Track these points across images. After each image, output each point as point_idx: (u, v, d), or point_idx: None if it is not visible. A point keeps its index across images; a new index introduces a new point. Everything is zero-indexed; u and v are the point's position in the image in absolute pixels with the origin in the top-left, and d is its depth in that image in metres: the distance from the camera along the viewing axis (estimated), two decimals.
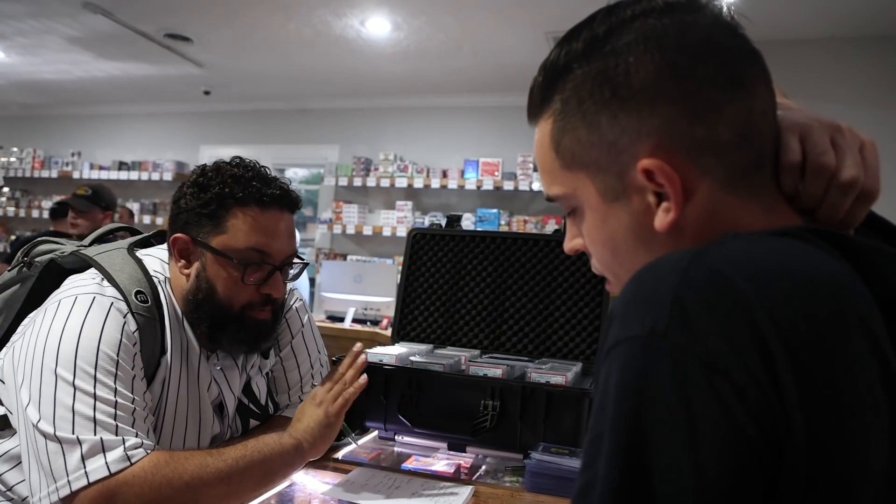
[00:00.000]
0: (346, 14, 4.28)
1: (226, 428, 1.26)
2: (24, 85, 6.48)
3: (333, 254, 6.02)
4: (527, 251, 1.78)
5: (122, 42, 5.00)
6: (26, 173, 7.10)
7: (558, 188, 0.63)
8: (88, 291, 1.08)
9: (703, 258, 0.47)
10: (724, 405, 0.42)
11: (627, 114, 0.56)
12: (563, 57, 0.60)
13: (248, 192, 1.13)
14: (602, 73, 0.57)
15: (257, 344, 1.22)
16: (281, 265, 1.18)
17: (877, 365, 0.46)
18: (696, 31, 0.56)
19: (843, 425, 0.44)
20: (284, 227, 1.18)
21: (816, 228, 0.54)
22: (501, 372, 1.47)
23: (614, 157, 0.57)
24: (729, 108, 0.55)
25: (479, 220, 5.42)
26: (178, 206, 1.17)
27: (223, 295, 1.14)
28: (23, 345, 1.06)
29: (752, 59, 0.58)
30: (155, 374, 1.12)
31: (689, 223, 0.56)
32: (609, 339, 0.47)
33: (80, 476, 0.95)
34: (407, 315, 1.86)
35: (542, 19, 4.04)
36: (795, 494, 0.43)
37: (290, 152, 6.48)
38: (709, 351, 0.43)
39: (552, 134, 0.61)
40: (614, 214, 0.59)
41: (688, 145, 0.55)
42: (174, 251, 1.16)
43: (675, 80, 0.55)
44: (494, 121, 5.69)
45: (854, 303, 0.48)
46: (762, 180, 0.58)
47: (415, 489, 1.21)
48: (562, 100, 0.60)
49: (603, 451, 0.44)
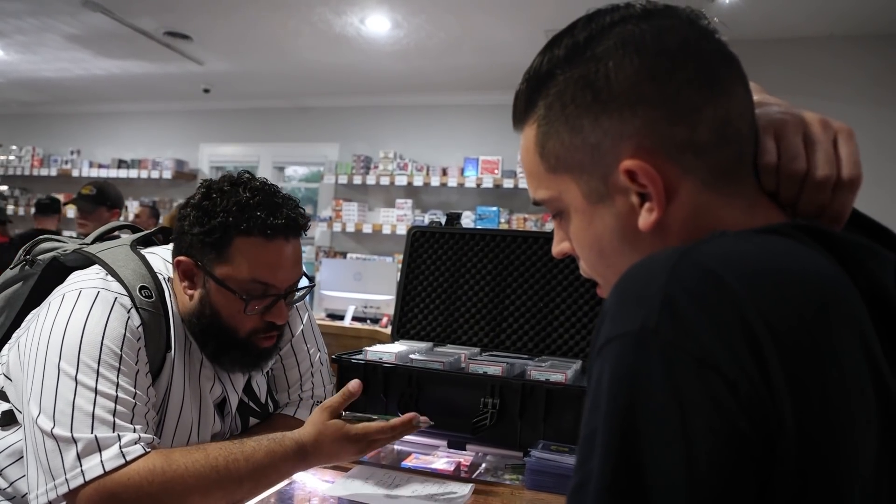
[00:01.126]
0: (346, 12, 4.28)
1: (227, 426, 1.26)
2: (23, 83, 6.47)
3: (333, 252, 6.02)
4: (526, 249, 1.78)
5: (121, 40, 4.99)
6: (25, 171, 7.10)
7: (544, 192, 0.64)
8: (92, 286, 1.08)
9: (691, 255, 0.48)
10: (716, 400, 0.42)
11: (609, 117, 0.57)
12: (546, 64, 0.61)
13: (253, 223, 1.10)
14: (584, 78, 0.58)
15: (258, 367, 1.23)
16: (285, 294, 1.17)
17: (864, 359, 0.47)
18: (673, 36, 0.58)
19: (832, 420, 0.44)
20: (290, 254, 1.15)
21: (801, 224, 0.55)
22: (501, 370, 1.47)
23: (597, 160, 0.59)
24: (707, 109, 0.57)
25: (478, 218, 5.42)
26: (182, 227, 1.14)
27: (228, 322, 1.14)
28: (27, 339, 1.06)
29: (729, 61, 0.59)
30: (160, 370, 1.12)
31: (673, 222, 0.57)
32: (601, 336, 0.48)
33: (77, 475, 0.95)
34: (407, 313, 1.87)
35: (541, 17, 4.04)
36: (787, 488, 0.43)
37: (290, 150, 6.48)
38: (699, 346, 0.43)
39: (536, 139, 0.63)
40: (599, 216, 0.60)
41: (669, 146, 0.56)
42: (178, 272, 1.15)
43: (655, 83, 0.57)
44: (494, 119, 5.69)
45: (841, 298, 0.49)
46: (744, 178, 0.59)
47: (415, 487, 1.21)
48: (545, 105, 0.61)
49: (596, 447, 0.45)
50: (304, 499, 1.21)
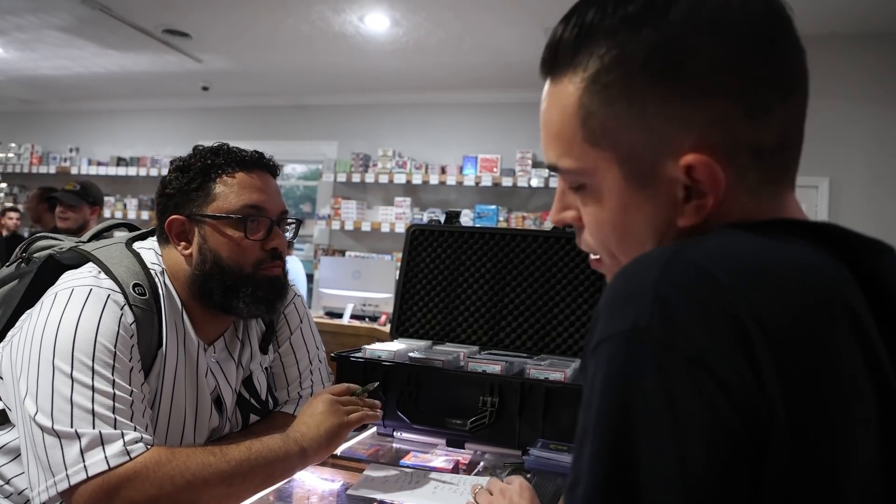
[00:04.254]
0: (345, 10, 4.27)
1: (224, 422, 1.26)
2: (21, 80, 6.46)
3: (332, 250, 6.02)
4: (525, 247, 1.78)
5: (120, 38, 4.98)
6: (24, 169, 7.09)
7: (573, 161, 0.57)
8: (85, 284, 1.08)
9: (683, 253, 0.47)
10: (708, 399, 0.42)
11: (681, 101, 0.51)
12: (610, 16, 0.53)
13: (229, 157, 1.18)
14: (658, 48, 0.51)
15: (273, 303, 1.22)
16: (278, 220, 1.20)
17: (862, 357, 0.46)
18: (762, 22, 0.52)
19: (826, 416, 0.44)
20: (271, 184, 1.22)
21: (798, 221, 0.54)
22: (500, 368, 1.47)
23: (653, 144, 0.53)
24: (780, 111, 0.53)
25: (477, 217, 5.42)
26: (165, 194, 1.19)
27: (230, 260, 1.16)
28: (20, 338, 1.06)
29: (804, 59, 0.54)
30: (152, 366, 1.12)
31: (709, 225, 0.53)
32: (594, 336, 0.47)
33: (79, 470, 0.95)
34: (406, 311, 1.86)
35: (541, 16, 4.03)
36: (781, 487, 0.43)
37: (289, 148, 6.47)
38: (691, 345, 0.43)
39: (582, 101, 0.55)
40: (636, 202, 0.55)
41: (733, 145, 0.52)
42: (171, 235, 1.17)
43: (737, 72, 0.51)
44: (493, 117, 5.69)
45: (837, 291, 0.48)
46: (785, 189, 0.56)
47: (435, 485, 1.21)
48: (602, 65, 0.53)
49: (589, 445, 0.45)
50: (302, 496, 1.20)
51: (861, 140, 4.25)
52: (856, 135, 4.24)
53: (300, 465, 1.14)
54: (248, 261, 1.17)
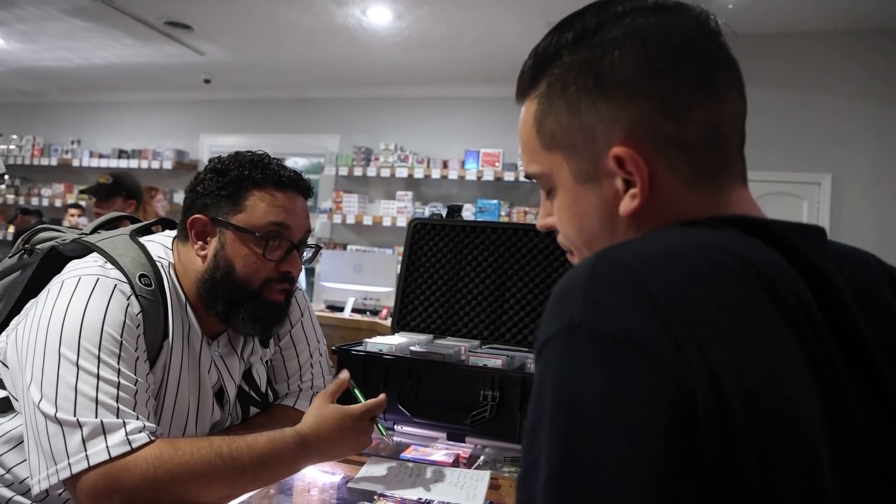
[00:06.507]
0: (348, 3, 4.26)
1: (226, 415, 1.26)
2: (23, 72, 6.45)
3: (333, 243, 6.02)
4: (527, 242, 1.78)
5: (122, 29, 4.98)
6: (26, 161, 7.10)
7: (536, 167, 0.67)
8: (92, 273, 1.08)
9: (606, 254, 0.52)
10: (643, 372, 0.45)
11: (606, 103, 0.60)
12: (554, 44, 0.63)
13: (267, 173, 1.17)
14: (588, 63, 0.61)
15: (270, 327, 1.23)
16: (299, 243, 1.21)
17: (790, 329, 0.50)
18: (679, 34, 0.60)
19: (752, 369, 0.47)
20: (301, 206, 1.22)
21: (728, 216, 0.59)
22: (501, 362, 1.47)
23: (590, 143, 0.61)
24: (699, 110, 0.59)
25: (479, 211, 5.42)
26: (196, 191, 1.19)
27: (242, 273, 1.16)
28: (26, 326, 1.06)
29: (729, 67, 0.62)
30: (157, 357, 1.12)
31: (649, 212, 0.60)
32: (539, 340, 0.51)
33: (81, 459, 0.95)
34: (407, 305, 1.87)
35: (544, 9, 4.02)
36: (729, 449, 0.45)
37: (291, 141, 6.47)
38: (619, 328, 0.47)
39: (536, 114, 0.65)
40: (584, 196, 0.63)
41: (658, 139, 0.59)
42: (191, 233, 1.17)
43: (654, 77, 0.59)
44: (496, 111, 5.68)
45: (745, 261, 0.52)
46: (725, 181, 0.62)
47: (437, 478, 1.21)
48: (548, 83, 0.64)
49: (543, 435, 0.47)
50: (303, 489, 1.21)
51: (863, 136, 4.24)
52: (858, 131, 4.24)
53: (304, 458, 1.14)
54: (258, 277, 1.17)
